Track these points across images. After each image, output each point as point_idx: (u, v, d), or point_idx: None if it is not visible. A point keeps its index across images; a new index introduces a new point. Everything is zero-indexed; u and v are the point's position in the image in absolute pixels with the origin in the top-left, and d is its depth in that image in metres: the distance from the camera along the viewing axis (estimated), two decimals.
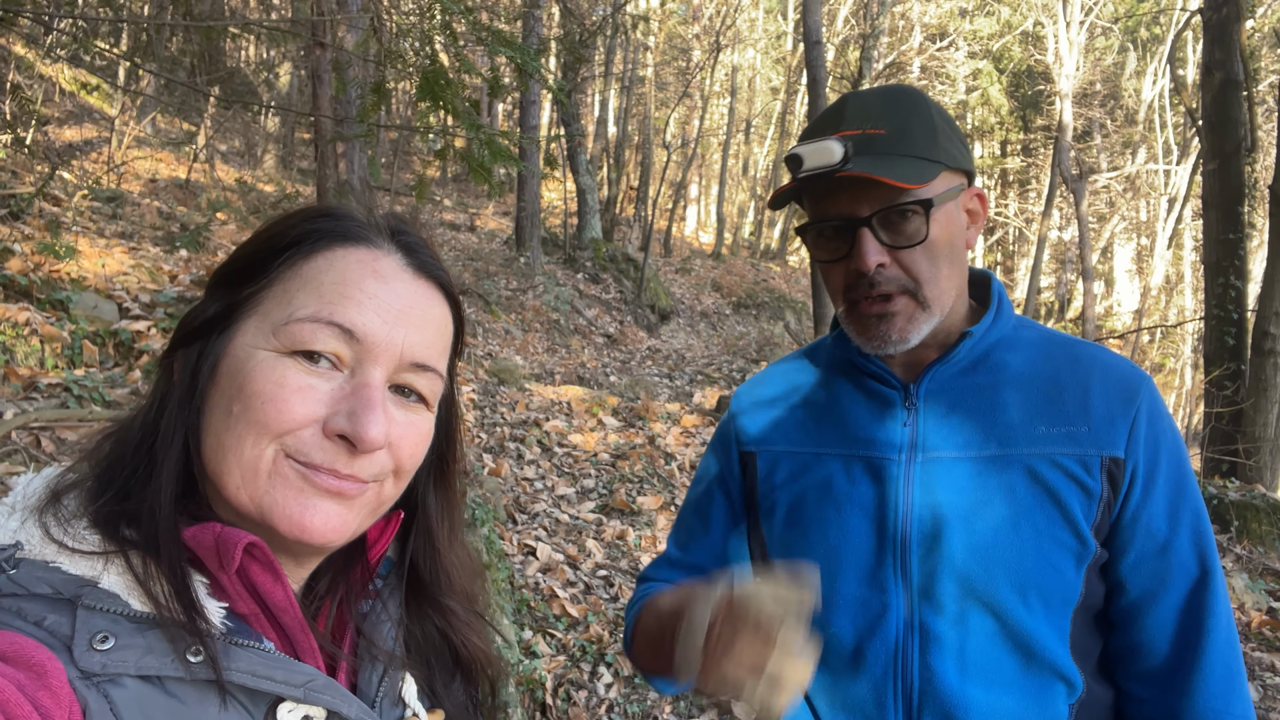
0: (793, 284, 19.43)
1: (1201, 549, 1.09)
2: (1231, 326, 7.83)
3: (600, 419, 6.36)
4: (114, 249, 6.15)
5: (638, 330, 12.81)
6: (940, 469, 1.11)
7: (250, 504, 0.65)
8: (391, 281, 0.70)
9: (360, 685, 0.73)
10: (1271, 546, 5.20)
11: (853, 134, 1.06)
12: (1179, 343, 19.21)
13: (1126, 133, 21.96)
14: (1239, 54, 8.03)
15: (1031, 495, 1.08)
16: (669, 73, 24.80)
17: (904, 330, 1.10)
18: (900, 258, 1.08)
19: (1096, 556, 1.09)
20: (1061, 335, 1.19)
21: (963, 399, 1.14)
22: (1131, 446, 1.08)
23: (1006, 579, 1.07)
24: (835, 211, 1.10)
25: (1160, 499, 1.08)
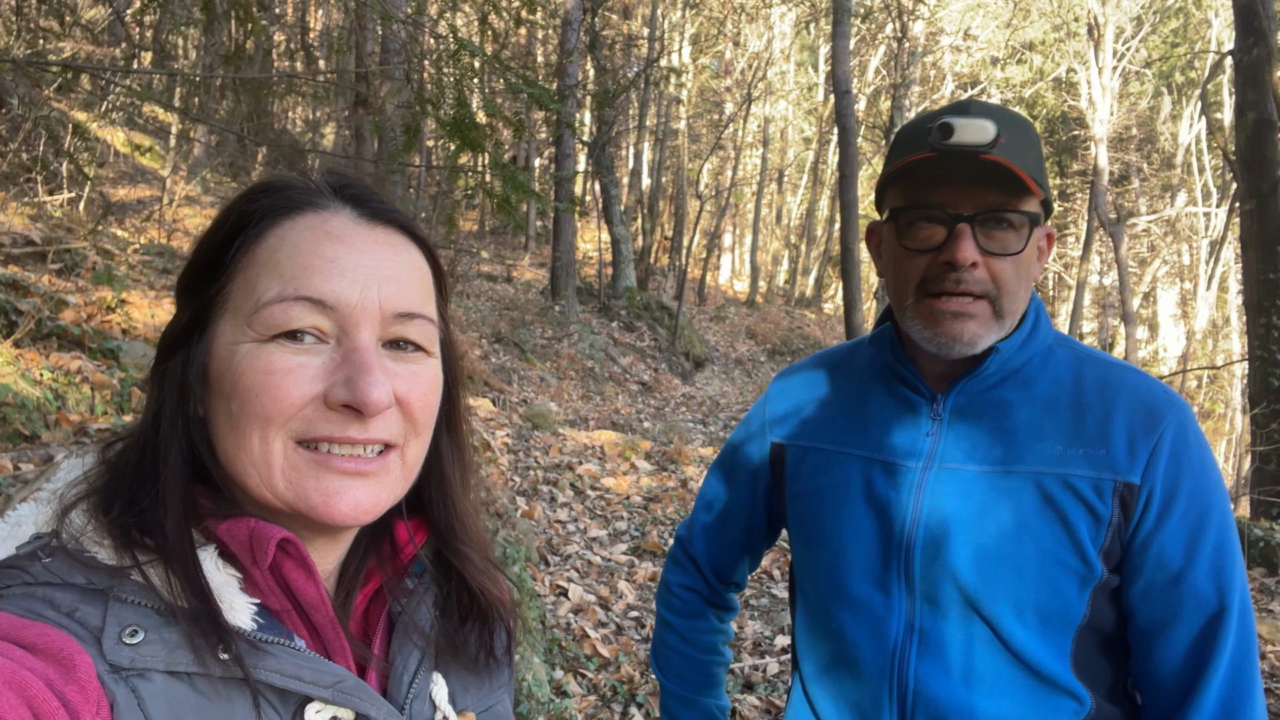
0: (827, 331, 19.39)
1: (1221, 584, 1.06)
2: (1276, 368, 7.67)
3: (633, 463, 6.38)
4: (164, 301, 6.37)
5: (672, 377, 12.85)
6: (954, 480, 1.13)
7: (275, 499, 0.64)
8: (348, 239, 0.67)
9: (390, 687, 0.72)
10: None
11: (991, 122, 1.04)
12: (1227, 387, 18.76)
13: (1165, 176, 21.79)
14: (1272, 95, 8.00)
15: (1039, 514, 1.08)
16: (702, 125, 25.18)
17: (975, 334, 1.09)
18: (991, 264, 1.08)
19: (1104, 580, 1.08)
20: (1099, 356, 1.18)
21: (987, 414, 1.14)
22: (1149, 473, 1.06)
23: (1004, 594, 1.08)
24: (939, 201, 1.07)
25: (1176, 529, 1.06)
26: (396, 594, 0.76)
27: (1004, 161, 1.02)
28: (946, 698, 1.10)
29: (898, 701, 1.13)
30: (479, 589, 0.79)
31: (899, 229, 1.12)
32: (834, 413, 1.27)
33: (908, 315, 1.13)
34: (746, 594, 4.65)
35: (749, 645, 4.10)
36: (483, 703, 0.79)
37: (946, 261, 1.07)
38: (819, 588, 1.24)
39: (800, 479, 1.26)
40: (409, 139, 3.72)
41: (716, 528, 1.41)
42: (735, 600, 1.50)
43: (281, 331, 0.64)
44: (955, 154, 1.03)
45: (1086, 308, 22.38)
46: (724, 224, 24.80)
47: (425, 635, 0.75)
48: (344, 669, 0.65)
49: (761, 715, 3.54)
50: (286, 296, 0.64)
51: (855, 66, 18.65)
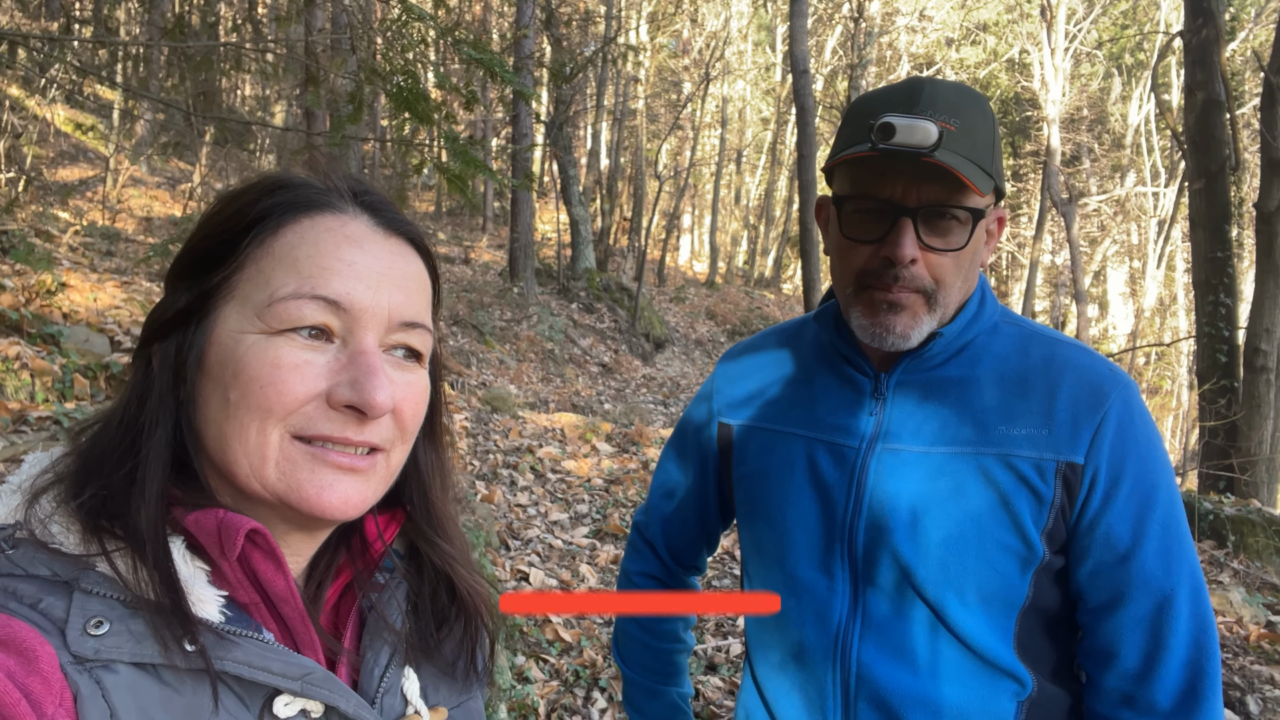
0: (787, 311, 19.50)
1: (1171, 564, 1.06)
2: (1223, 344, 7.86)
3: (594, 445, 6.35)
4: (106, 283, 6.16)
5: (632, 359, 12.82)
6: (897, 461, 1.12)
7: (263, 490, 0.65)
8: (365, 245, 0.69)
9: (361, 681, 0.72)
10: (1269, 561, 5.18)
11: (936, 121, 1.02)
12: (1174, 364, 19.25)
13: (1115, 157, 22.19)
14: (1220, 75, 8.14)
15: (981, 495, 1.07)
16: (660, 105, 25.08)
17: (908, 327, 1.09)
18: (931, 259, 1.07)
19: (1047, 562, 1.08)
20: (1046, 333, 1.17)
21: (931, 394, 1.13)
22: (1093, 453, 1.06)
23: (945, 576, 1.07)
24: (885, 194, 1.06)
25: (1123, 509, 1.06)
26: (367, 588, 0.77)
27: (946, 165, 1.00)
28: (889, 681, 1.10)
29: (841, 684, 1.13)
30: (465, 589, 0.79)
31: (842, 217, 1.10)
32: (779, 392, 1.25)
33: (848, 303, 1.12)
34: (709, 575, 4.65)
35: (711, 626, 4.10)
36: (456, 699, 0.79)
37: (886, 256, 1.06)
38: (764, 570, 1.23)
39: (746, 460, 1.25)
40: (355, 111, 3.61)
41: (672, 513, 1.40)
42: (696, 584, 1.49)
43: (292, 326, 0.65)
44: (898, 157, 1.01)
45: (1039, 287, 22.77)
46: (683, 205, 24.77)
47: (396, 631, 0.75)
48: (313, 661, 0.65)
49: (725, 696, 3.54)
50: (303, 294, 0.65)
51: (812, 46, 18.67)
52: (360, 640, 0.74)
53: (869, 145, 1.02)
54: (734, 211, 28.22)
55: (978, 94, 1.09)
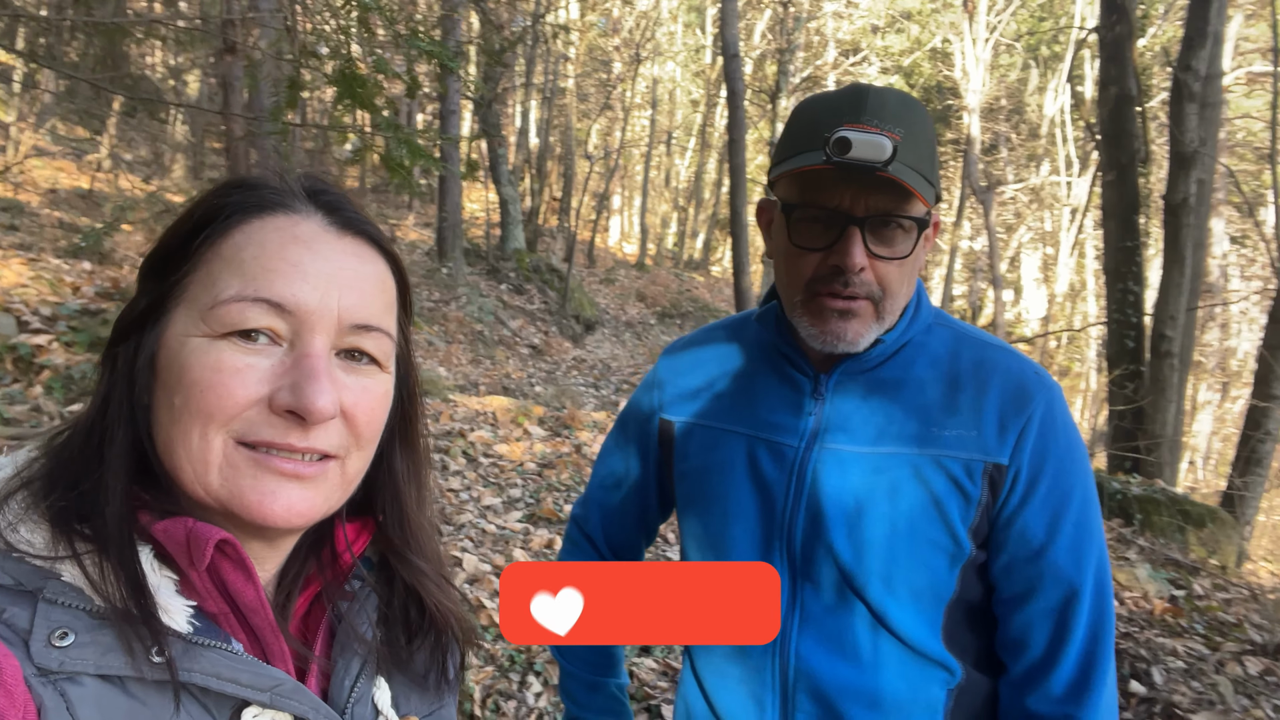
0: (716, 293, 19.66)
1: (1080, 560, 1.11)
2: (1131, 330, 8.21)
3: (526, 429, 6.31)
4: (11, 260, 5.84)
5: (563, 340, 12.77)
6: (835, 460, 1.15)
7: (207, 496, 0.63)
8: (315, 245, 0.67)
9: (331, 692, 0.71)
10: (1172, 537, 5.46)
11: (886, 133, 1.03)
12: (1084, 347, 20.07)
13: (1030, 146, 22.91)
14: (1132, 70, 8.46)
15: (913, 495, 1.12)
16: (590, 84, 24.89)
17: (858, 333, 1.11)
18: (878, 266, 1.09)
19: (973, 557, 1.13)
20: (975, 335, 1.21)
21: (868, 394, 1.17)
22: (1017, 454, 1.11)
23: (879, 572, 1.12)
24: (833, 204, 1.08)
25: (1040, 508, 1.11)
26: (336, 599, 0.76)
27: (899, 180, 1.03)
28: (826, 672, 1.14)
29: (780, 676, 1.17)
30: (434, 604, 0.77)
31: (790, 224, 1.12)
32: (720, 390, 1.27)
33: (796, 310, 1.14)
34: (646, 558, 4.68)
35: None
36: (427, 707, 0.78)
37: (835, 264, 1.08)
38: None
39: (688, 456, 1.27)
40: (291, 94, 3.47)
41: (612, 506, 1.42)
42: None
43: (235, 330, 0.63)
44: (851, 169, 1.03)
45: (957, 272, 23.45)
46: (613, 186, 24.70)
47: (366, 641, 0.74)
48: (283, 672, 0.64)
49: (659, 677, 3.58)
50: (245, 296, 0.63)
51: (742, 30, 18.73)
52: (330, 651, 0.73)
53: (824, 158, 1.03)
54: (664, 193, 28.27)
55: (917, 102, 1.12)
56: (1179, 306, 7.81)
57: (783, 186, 1.15)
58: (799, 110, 1.15)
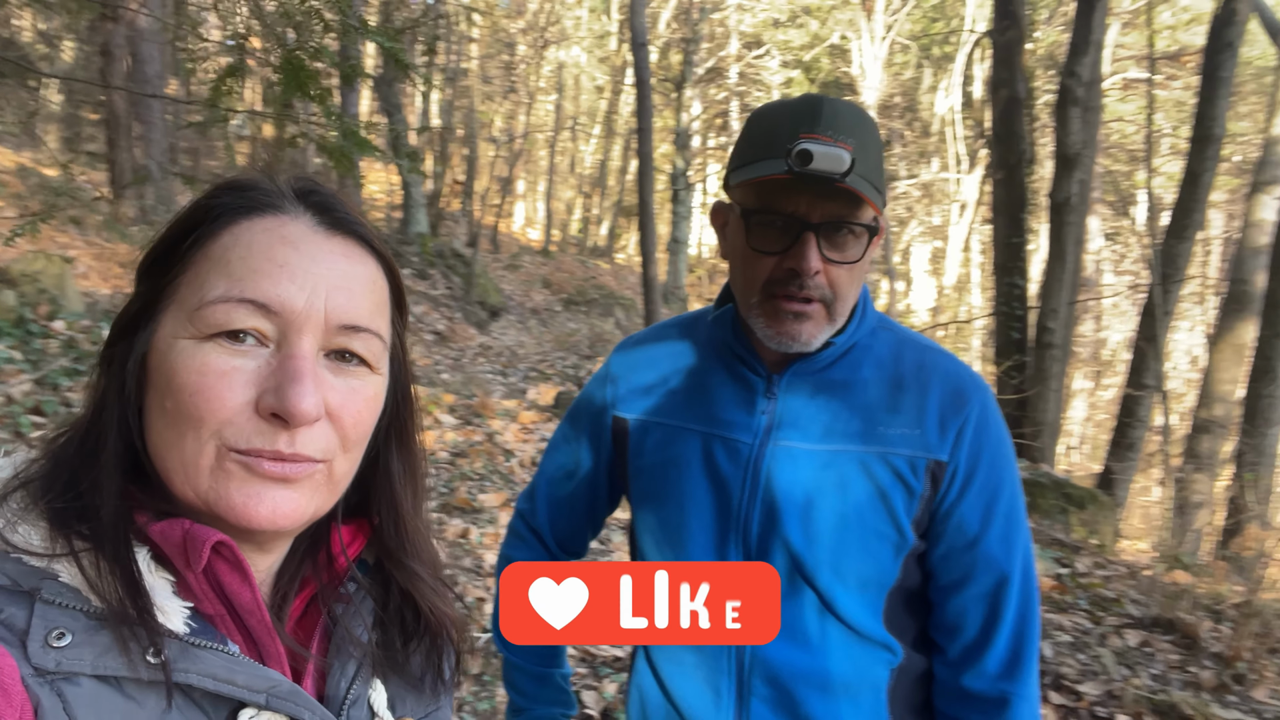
0: (621, 281, 19.71)
1: (1010, 548, 1.21)
2: (1017, 322, 8.66)
3: (436, 417, 6.21)
4: None
5: (468, 327, 12.59)
6: (788, 456, 1.21)
7: (196, 499, 0.63)
8: (303, 245, 0.66)
9: (328, 693, 0.71)
10: (1055, 519, 5.81)
11: (843, 145, 1.08)
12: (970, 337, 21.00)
13: (922, 143, 23.75)
14: (1022, 74, 8.88)
15: (862, 490, 1.19)
16: (494, 66, 24.49)
17: (811, 334, 1.17)
18: (830, 270, 1.14)
19: (914, 548, 1.21)
20: (915, 338, 1.29)
21: (817, 394, 1.23)
22: (955, 452, 1.19)
23: (830, 562, 1.18)
24: (790, 209, 1.13)
25: (974, 500, 1.20)
26: (332, 601, 0.76)
27: (856, 191, 1.09)
28: (779, 657, 1.20)
29: (736, 663, 1.22)
30: (429, 608, 0.77)
31: (748, 228, 1.17)
32: (675, 388, 1.32)
33: (752, 311, 1.20)
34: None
35: None
36: (423, 709, 0.79)
37: (791, 267, 1.14)
38: (660, 556, 1.31)
39: (644, 453, 1.31)
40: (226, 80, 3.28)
41: (561, 500, 1.44)
42: None
43: (222, 331, 0.63)
44: (811, 180, 1.09)
45: None
46: (517, 171, 24.40)
47: (361, 644, 0.74)
48: (279, 674, 0.65)
49: (586, 659, 3.60)
50: (231, 297, 0.63)
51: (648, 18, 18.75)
52: (326, 652, 0.73)
53: (786, 168, 1.08)
54: (569, 179, 28.12)
55: (867, 114, 1.18)
56: (1061, 300, 8.27)
57: (740, 191, 1.19)
58: (756, 118, 1.20)
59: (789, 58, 23.73)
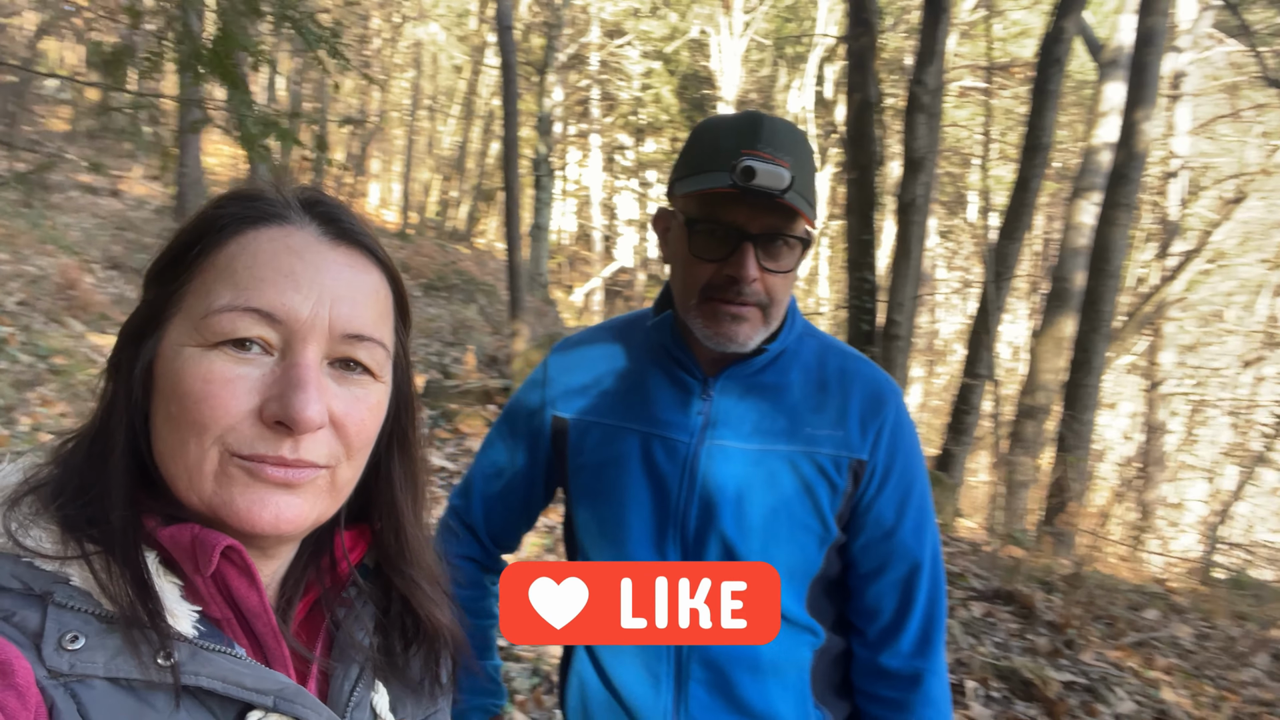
0: (482, 267, 19.39)
1: (921, 538, 1.33)
2: (867, 315, 9.14)
3: None
4: None
5: None
6: (722, 454, 1.28)
7: (200, 504, 0.64)
8: (307, 255, 0.68)
9: (331, 694, 0.72)
10: None
11: (782, 163, 1.15)
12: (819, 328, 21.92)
13: None
14: (874, 79, 9.34)
15: (791, 486, 1.27)
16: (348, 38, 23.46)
17: (748, 335, 1.24)
18: (766, 279, 1.21)
19: (836, 539, 1.31)
20: (836, 345, 1.39)
21: (750, 396, 1.31)
22: (875, 451, 1.29)
23: (760, 552, 1.27)
24: (730, 220, 1.19)
25: (890, 496, 1.31)
26: (335, 606, 0.77)
27: (794, 207, 1.17)
28: (728, 647, 1.27)
29: (674, 648, 1.29)
30: (426, 616, 0.79)
31: (690, 236, 1.24)
32: (615, 389, 1.37)
33: (691, 313, 1.26)
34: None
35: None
36: (423, 712, 0.81)
37: (730, 274, 1.21)
38: (600, 550, 1.36)
39: (584, 452, 1.36)
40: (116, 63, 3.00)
41: (497, 497, 1.47)
42: (505, 562, 1.55)
43: (227, 339, 0.64)
44: (753, 194, 1.16)
45: None
46: (371, 149, 23.54)
47: (363, 648, 0.76)
48: (286, 677, 0.66)
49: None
50: (237, 306, 0.64)
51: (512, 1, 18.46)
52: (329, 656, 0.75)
53: (730, 182, 1.15)
54: (426, 160, 27.36)
55: (802, 133, 1.25)
56: (906, 295, 8.81)
57: (684, 200, 1.26)
58: (700, 132, 1.27)
59: (649, 48, 23.98)
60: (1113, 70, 10.36)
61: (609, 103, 24.79)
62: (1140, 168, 9.20)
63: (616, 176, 28.02)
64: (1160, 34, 9.12)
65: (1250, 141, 14.52)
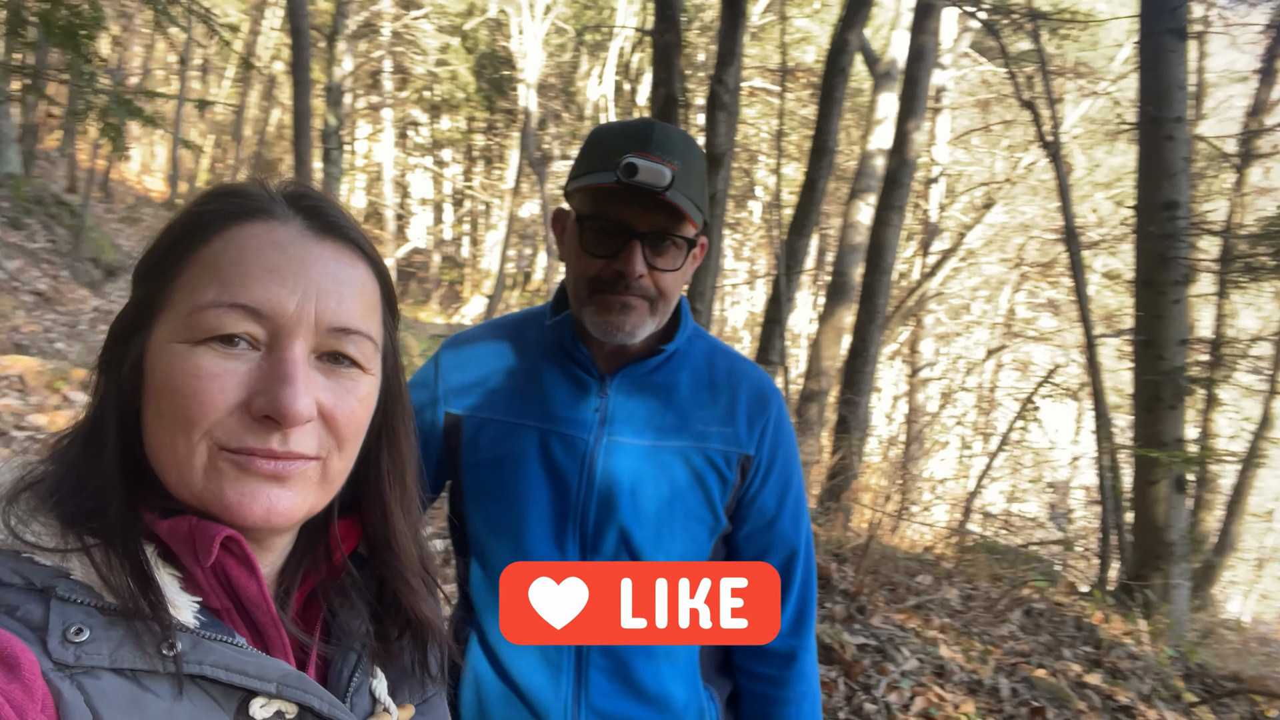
0: None
1: (797, 527, 1.44)
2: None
3: (65, 394, 5.37)
4: None
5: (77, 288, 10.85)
6: (619, 450, 1.33)
7: (191, 498, 0.65)
8: (292, 249, 0.68)
9: (331, 680, 0.74)
10: None
11: (668, 164, 1.19)
12: None
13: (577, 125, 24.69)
14: (678, 75, 9.63)
15: (686, 481, 1.35)
16: None
17: (635, 326, 1.29)
18: (654, 276, 1.27)
19: (725, 530, 1.39)
20: (722, 347, 1.47)
21: (644, 394, 1.37)
22: (760, 447, 1.39)
23: (658, 546, 1.33)
24: (619, 217, 1.24)
25: (772, 488, 1.41)
26: (330, 594, 0.78)
27: (674, 204, 1.23)
28: None
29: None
30: (409, 606, 0.80)
31: (581, 232, 1.29)
32: (511, 386, 1.39)
33: (583, 304, 1.31)
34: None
35: None
36: (420, 695, 0.82)
37: (619, 270, 1.26)
38: (498, 545, 1.36)
39: (479, 448, 1.37)
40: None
41: None
42: None
43: (214, 335, 0.65)
44: (636, 190, 1.21)
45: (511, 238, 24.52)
46: None
47: (359, 635, 0.77)
48: (287, 664, 0.67)
49: None
50: (222, 302, 0.65)
51: None
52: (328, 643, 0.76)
53: (614, 178, 1.20)
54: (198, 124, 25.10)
55: (693, 140, 1.32)
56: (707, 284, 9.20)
57: (577, 199, 1.30)
58: (594, 135, 1.32)
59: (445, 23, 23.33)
60: (886, 82, 11.28)
61: (402, 76, 23.90)
62: (911, 173, 10.10)
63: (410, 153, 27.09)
64: (930, 51, 10.05)
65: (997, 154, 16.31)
